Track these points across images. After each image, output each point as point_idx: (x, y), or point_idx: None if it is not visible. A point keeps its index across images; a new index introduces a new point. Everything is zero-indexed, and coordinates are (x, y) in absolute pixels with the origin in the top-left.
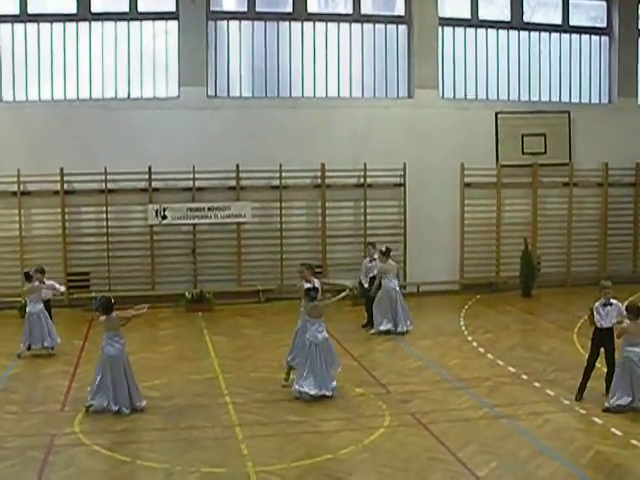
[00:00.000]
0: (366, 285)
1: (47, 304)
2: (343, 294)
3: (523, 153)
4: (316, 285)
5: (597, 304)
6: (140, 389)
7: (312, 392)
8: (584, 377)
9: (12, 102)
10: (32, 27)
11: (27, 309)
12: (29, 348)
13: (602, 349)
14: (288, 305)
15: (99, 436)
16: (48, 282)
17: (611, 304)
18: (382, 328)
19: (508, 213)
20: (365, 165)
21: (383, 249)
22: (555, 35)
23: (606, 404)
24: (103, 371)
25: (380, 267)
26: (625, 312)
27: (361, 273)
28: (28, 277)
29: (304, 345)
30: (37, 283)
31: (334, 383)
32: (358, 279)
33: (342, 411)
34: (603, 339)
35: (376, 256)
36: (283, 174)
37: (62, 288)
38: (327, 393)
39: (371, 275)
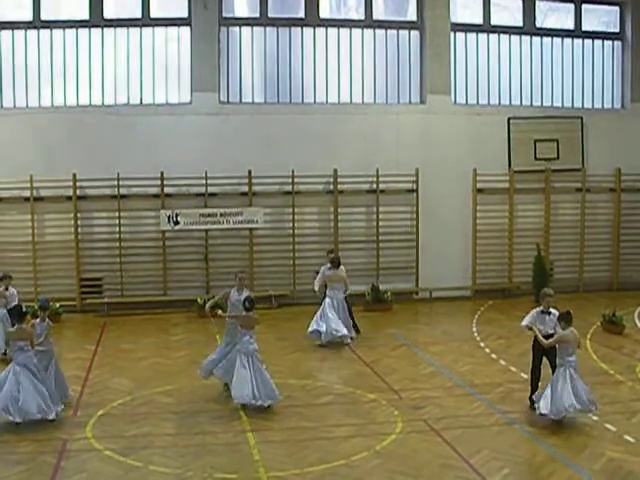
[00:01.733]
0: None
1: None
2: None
3: (535, 159)
4: (250, 294)
5: (534, 311)
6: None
7: (246, 402)
8: (533, 386)
9: (25, 108)
10: (45, 33)
11: None
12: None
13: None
14: (300, 311)
15: (111, 441)
16: (12, 290)
17: (549, 313)
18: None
19: (521, 219)
20: (377, 171)
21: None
22: (567, 40)
23: (544, 410)
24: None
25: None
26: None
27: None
28: None
29: (235, 356)
30: (2, 289)
31: (276, 391)
32: (371, 284)
33: (354, 417)
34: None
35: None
36: (295, 180)
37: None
38: (261, 403)
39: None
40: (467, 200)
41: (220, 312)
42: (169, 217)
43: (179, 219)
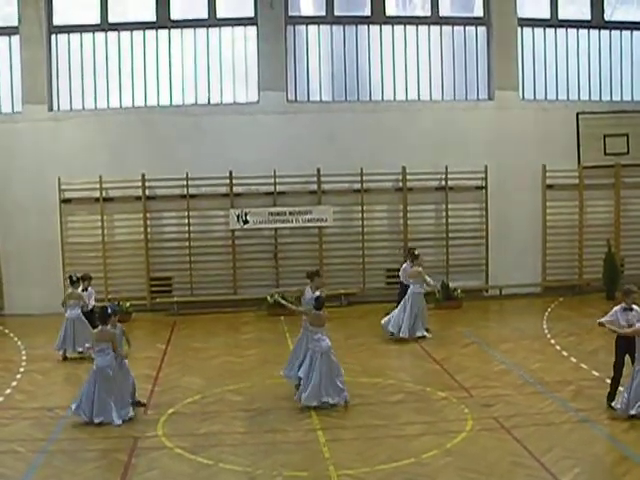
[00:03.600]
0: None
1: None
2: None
3: (605, 154)
4: (321, 295)
5: (617, 308)
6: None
7: (312, 404)
8: (613, 386)
9: (94, 110)
10: (113, 36)
11: (66, 314)
12: (66, 352)
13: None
14: (370, 309)
15: (182, 439)
16: (90, 290)
17: (632, 309)
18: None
19: (591, 214)
20: (446, 168)
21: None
22: (637, 33)
23: (619, 405)
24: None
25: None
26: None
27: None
28: (72, 282)
29: (307, 355)
30: (80, 289)
31: (338, 393)
32: (441, 281)
33: (425, 415)
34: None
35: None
36: (364, 177)
37: (91, 304)
38: (331, 401)
39: None
40: (536, 196)
41: (285, 302)
42: (238, 216)
43: (248, 218)
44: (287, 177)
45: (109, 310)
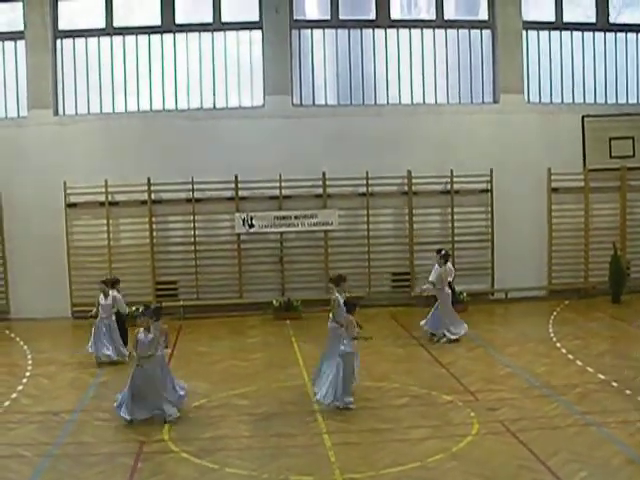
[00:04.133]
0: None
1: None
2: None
3: (611, 157)
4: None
5: None
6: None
7: (328, 402)
8: None
9: (99, 114)
10: (118, 40)
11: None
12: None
13: None
14: (376, 312)
15: (187, 443)
16: (118, 295)
17: None
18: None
19: (596, 218)
20: (451, 171)
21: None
22: None
23: None
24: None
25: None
26: None
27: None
28: (106, 285)
29: (335, 356)
30: (116, 293)
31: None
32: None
33: (430, 419)
34: None
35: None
36: (370, 181)
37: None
38: (341, 405)
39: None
40: (542, 200)
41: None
42: (244, 220)
43: (254, 222)
44: (292, 181)
45: (159, 307)
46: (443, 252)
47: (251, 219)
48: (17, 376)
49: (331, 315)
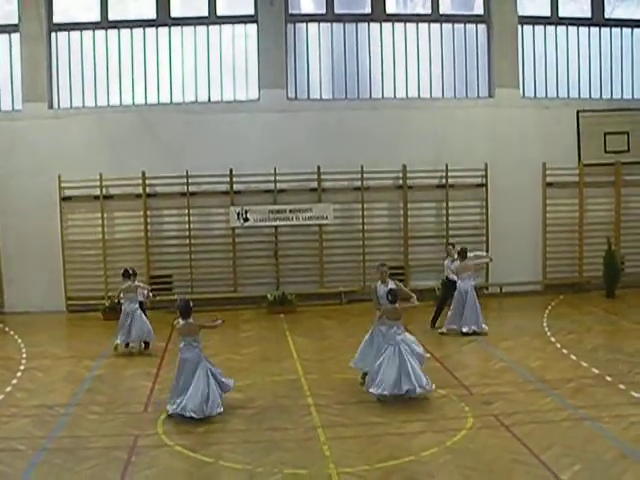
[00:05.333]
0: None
1: (141, 305)
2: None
3: (606, 151)
4: (394, 286)
5: None
6: (222, 396)
7: (387, 393)
8: None
9: (94, 107)
10: (113, 33)
11: (124, 307)
12: (127, 345)
13: None
14: (371, 306)
15: (182, 437)
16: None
17: None
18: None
19: (591, 212)
20: (446, 166)
21: (459, 249)
22: (637, 31)
23: None
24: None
25: (457, 267)
26: None
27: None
28: (127, 275)
29: (380, 348)
30: (136, 282)
31: (424, 380)
32: (441, 279)
33: (424, 413)
34: None
35: (456, 256)
36: (364, 175)
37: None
38: (421, 390)
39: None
40: (537, 194)
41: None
42: (238, 214)
43: (248, 216)
44: (287, 175)
45: (191, 303)
46: (459, 248)
47: (246, 213)
48: (11, 370)
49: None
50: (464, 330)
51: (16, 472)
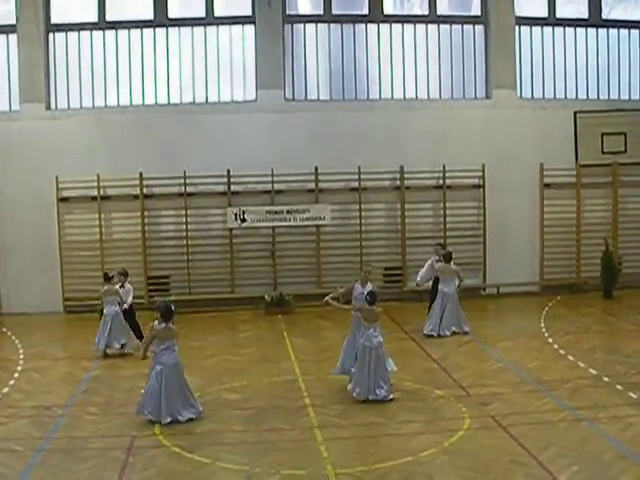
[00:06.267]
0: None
1: (130, 307)
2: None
3: (603, 152)
4: (373, 289)
5: None
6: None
7: (362, 398)
8: None
9: (91, 108)
10: (110, 34)
11: (104, 310)
12: (106, 348)
13: None
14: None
15: (179, 438)
16: (127, 286)
17: None
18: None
19: (588, 213)
20: (444, 166)
21: (443, 252)
22: (634, 31)
23: None
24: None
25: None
26: None
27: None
28: (107, 278)
29: (359, 350)
30: (118, 286)
31: (386, 387)
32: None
33: (422, 413)
34: None
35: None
36: (362, 176)
37: (128, 301)
38: (371, 397)
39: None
40: (534, 195)
41: (335, 303)
42: (236, 215)
43: (246, 216)
44: (285, 175)
45: (173, 307)
46: (445, 251)
47: (243, 214)
48: (8, 370)
49: None
50: (442, 333)
51: (14, 473)
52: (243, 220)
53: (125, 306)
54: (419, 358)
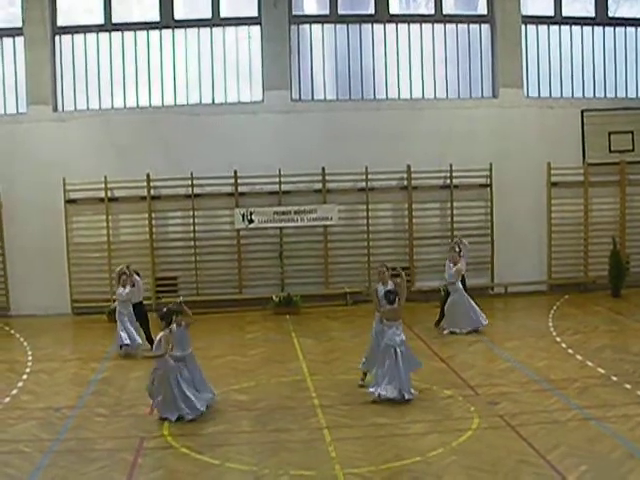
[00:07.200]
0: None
1: (141, 305)
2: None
3: (610, 151)
4: (391, 287)
5: None
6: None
7: (392, 396)
8: None
9: (98, 110)
10: (116, 36)
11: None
12: (121, 347)
13: None
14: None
15: (188, 439)
16: (136, 279)
17: None
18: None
19: (596, 212)
20: (451, 166)
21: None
22: None
23: None
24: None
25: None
26: None
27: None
28: (120, 277)
29: (381, 349)
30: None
31: (408, 387)
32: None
33: (430, 413)
34: None
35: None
36: (369, 176)
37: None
38: (408, 396)
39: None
40: (541, 194)
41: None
42: (243, 215)
43: (253, 217)
44: (292, 176)
45: (168, 308)
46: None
47: (250, 214)
48: (17, 372)
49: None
50: (465, 331)
51: (23, 475)
52: (250, 221)
53: (138, 300)
54: (427, 358)
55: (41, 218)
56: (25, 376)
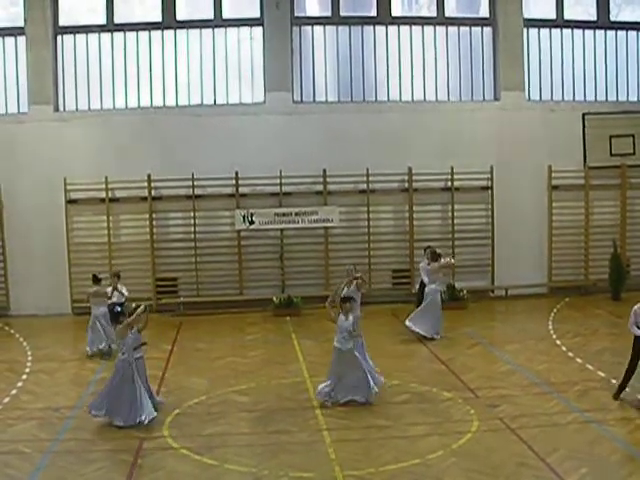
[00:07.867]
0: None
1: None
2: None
3: (611, 154)
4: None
5: (636, 307)
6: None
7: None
8: (623, 384)
9: (100, 110)
10: (118, 36)
11: (92, 312)
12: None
13: None
14: (376, 309)
15: (187, 440)
16: (119, 287)
17: None
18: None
19: (597, 215)
20: (452, 168)
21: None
22: None
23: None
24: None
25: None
26: None
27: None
28: (96, 280)
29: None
30: (109, 288)
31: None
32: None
33: (430, 415)
34: None
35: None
36: (370, 178)
37: (125, 294)
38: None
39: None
40: (542, 197)
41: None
42: (244, 217)
43: (254, 219)
44: (293, 178)
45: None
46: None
47: (251, 216)
48: (17, 372)
49: None
50: (423, 334)
51: (22, 475)
52: (251, 222)
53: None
54: (427, 360)
55: (42, 218)
56: (25, 376)
